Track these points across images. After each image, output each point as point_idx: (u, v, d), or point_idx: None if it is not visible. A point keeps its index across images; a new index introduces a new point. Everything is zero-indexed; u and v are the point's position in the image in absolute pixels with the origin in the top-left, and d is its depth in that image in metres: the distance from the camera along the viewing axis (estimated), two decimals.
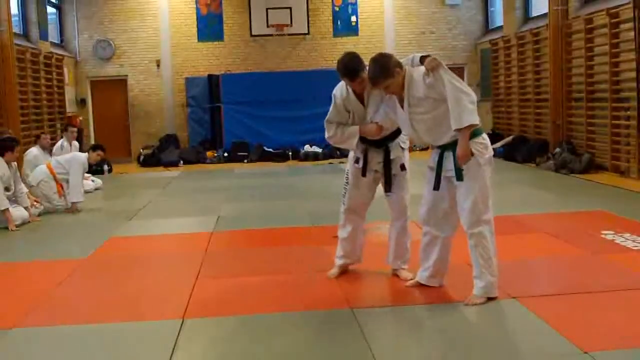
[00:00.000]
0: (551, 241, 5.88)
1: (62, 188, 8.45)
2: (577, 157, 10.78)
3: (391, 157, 4.59)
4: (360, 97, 4.50)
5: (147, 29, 15.80)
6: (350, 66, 4.35)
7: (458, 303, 4.18)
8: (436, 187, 4.22)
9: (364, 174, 4.62)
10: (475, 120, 3.98)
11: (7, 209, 7.27)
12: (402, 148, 4.66)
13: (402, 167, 4.64)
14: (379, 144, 4.56)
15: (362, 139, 4.54)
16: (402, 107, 4.19)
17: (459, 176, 4.09)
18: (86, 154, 8.85)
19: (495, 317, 4.00)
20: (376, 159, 4.61)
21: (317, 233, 6.57)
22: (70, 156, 8.77)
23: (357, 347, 3.56)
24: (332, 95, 4.58)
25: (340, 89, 4.56)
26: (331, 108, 4.59)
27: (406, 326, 3.97)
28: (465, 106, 3.95)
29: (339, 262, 4.90)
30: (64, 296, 4.77)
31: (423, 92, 4.06)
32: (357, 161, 4.66)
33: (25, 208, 7.64)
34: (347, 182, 4.75)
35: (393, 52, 17.32)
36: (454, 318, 3.99)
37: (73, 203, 8.33)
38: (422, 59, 4.10)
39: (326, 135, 4.65)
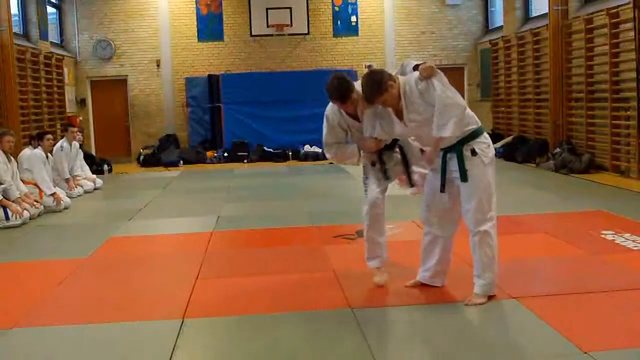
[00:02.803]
0: (551, 241, 5.88)
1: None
2: (577, 157, 10.78)
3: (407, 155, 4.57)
4: (353, 115, 4.47)
5: (147, 29, 15.80)
6: (340, 90, 4.31)
7: (458, 303, 4.18)
8: (442, 189, 4.23)
9: (387, 177, 4.59)
10: (449, 133, 3.97)
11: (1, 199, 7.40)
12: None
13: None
14: (390, 146, 4.55)
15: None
16: (399, 118, 4.18)
17: (464, 177, 4.10)
18: (39, 148, 8.83)
19: (495, 317, 4.00)
20: (392, 161, 4.59)
21: (317, 233, 6.57)
22: (27, 159, 8.65)
23: (357, 347, 3.56)
24: (325, 117, 4.53)
25: (332, 111, 4.51)
26: (326, 130, 4.55)
27: (406, 326, 3.97)
28: (450, 118, 3.96)
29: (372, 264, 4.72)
30: (64, 296, 4.77)
31: (417, 96, 4.07)
32: (373, 164, 4.62)
33: (14, 201, 7.64)
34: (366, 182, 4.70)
35: (393, 52, 17.23)
36: (454, 318, 3.99)
37: (51, 195, 8.35)
38: (416, 67, 4.11)
39: (327, 157, 4.68)
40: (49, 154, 9.13)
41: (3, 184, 7.60)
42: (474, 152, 4.09)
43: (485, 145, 4.15)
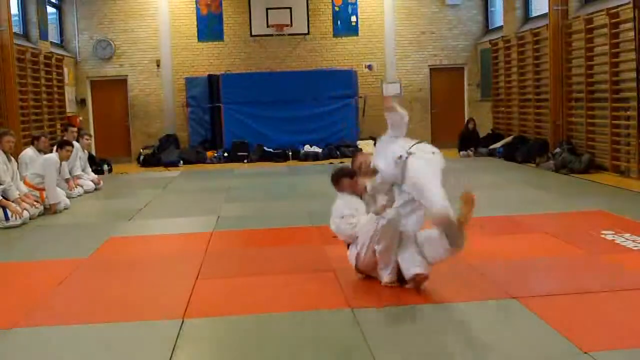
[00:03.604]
0: (551, 241, 5.88)
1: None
2: (577, 157, 10.78)
3: None
4: (361, 196, 4.89)
5: (147, 29, 15.80)
6: (345, 169, 4.94)
7: (458, 303, 4.19)
8: None
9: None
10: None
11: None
12: None
13: None
14: None
15: None
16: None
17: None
18: (56, 154, 8.83)
19: (495, 317, 4.00)
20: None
21: (317, 233, 6.57)
22: (42, 161, 8.65)
23: (357, 346, 3.56)
24: (346, 214, 4.77)
25: (346, 202, 4.83)
26: (345, 210, 4.78)
27: (406, 326, 3.97)
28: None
29: None
30: (64, 296, 4.77)
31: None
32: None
33: (14, 201, 7.64)
34: None
35: (393, 52, 17.19)
36: (454, 318, 4.00)
37: (51, 204, 8.31)
38: None
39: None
40: (63, 163, 9.10)
41: (3, 185, 7.59)
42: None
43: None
